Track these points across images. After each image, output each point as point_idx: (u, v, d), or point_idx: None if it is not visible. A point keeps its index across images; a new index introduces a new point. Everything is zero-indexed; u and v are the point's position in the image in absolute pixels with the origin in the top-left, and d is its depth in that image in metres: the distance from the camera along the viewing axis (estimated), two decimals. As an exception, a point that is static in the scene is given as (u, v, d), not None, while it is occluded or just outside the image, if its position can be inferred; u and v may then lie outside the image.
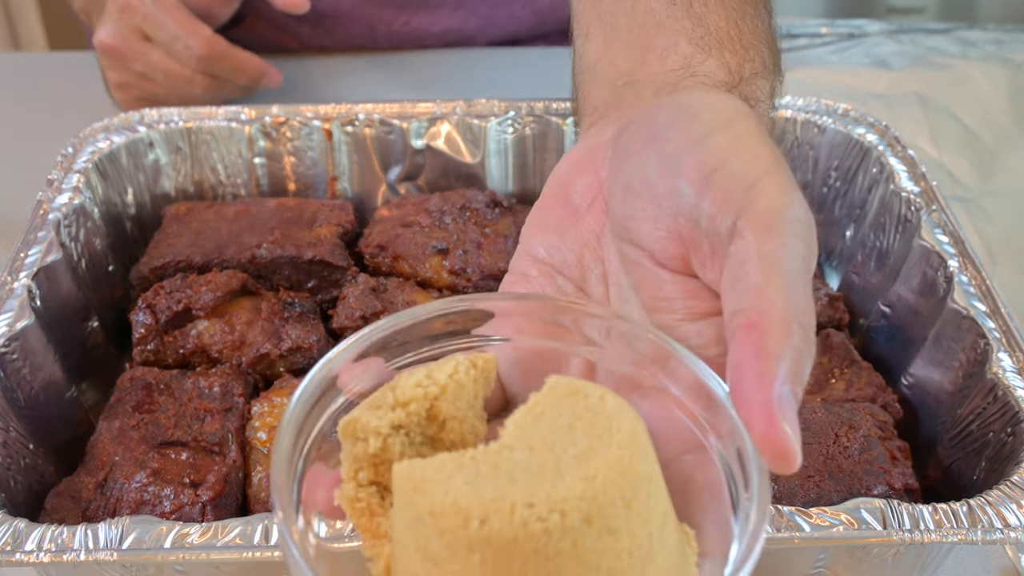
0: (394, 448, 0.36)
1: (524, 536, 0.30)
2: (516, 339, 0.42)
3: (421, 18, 1.01)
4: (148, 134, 0.73)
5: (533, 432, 0.34)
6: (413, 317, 0.39)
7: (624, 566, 0.32)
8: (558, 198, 0.47)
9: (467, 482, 0.32)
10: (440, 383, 0.37)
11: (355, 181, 0.77)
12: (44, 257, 0.61)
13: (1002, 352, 0.55)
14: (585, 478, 0.31)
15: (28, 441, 0.56)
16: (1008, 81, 0.99)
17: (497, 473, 0.32)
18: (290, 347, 0.64)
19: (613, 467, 0.32)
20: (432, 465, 0.33)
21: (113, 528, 0.46)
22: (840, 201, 0.74)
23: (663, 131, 0.42)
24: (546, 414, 0.34)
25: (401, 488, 0.33)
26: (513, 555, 0.31)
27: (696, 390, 0.37)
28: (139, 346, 0.64)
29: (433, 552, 0.32)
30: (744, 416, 0.34)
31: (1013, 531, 0.47)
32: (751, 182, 0.38)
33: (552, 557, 0.31)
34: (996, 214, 0.84)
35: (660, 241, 0.40)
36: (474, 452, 0.33)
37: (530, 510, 0.31)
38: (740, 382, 0.34)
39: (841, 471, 0.54)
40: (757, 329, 0.34)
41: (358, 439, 0.36)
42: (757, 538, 0.33)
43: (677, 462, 0.35)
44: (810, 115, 0.74)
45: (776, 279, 0.35)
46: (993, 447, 0.54)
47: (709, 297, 0.39)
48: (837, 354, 0.63)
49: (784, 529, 0.46)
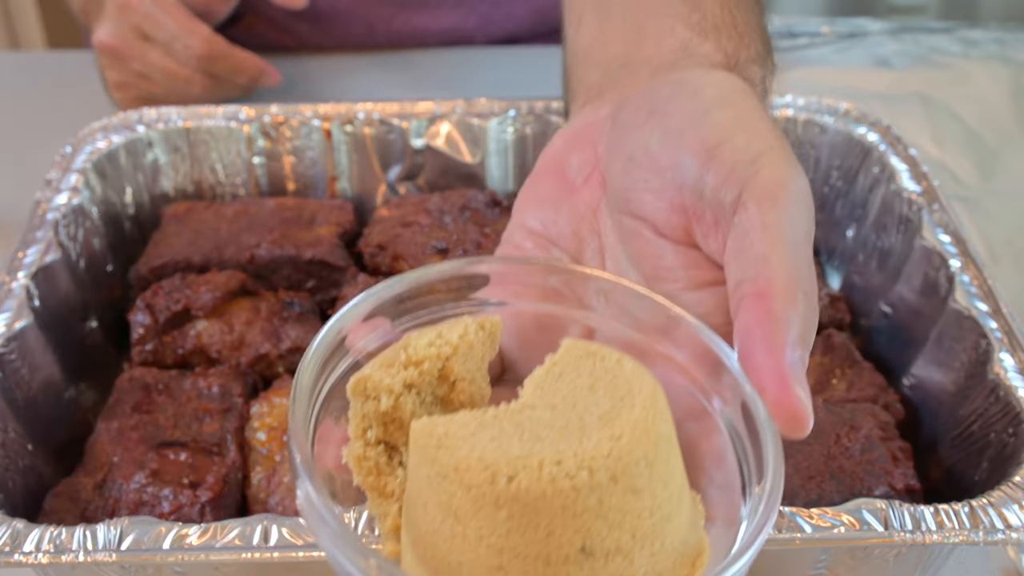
0: (405, 407, 0.36)
1: (552, 493, 0.31)
2: (516, 304, 0.42)
3: (421, 17, 1.01)
4: (147, 134, 0.73)
5: (554, 392, 0.34)
6: (417, 278, 0.40)
7: (646, 525, 0.32)
8: (552, 172, 0.47)
9: (493, 439, 0.32)
10: (452, 343, 0.37)
11: (355, 181, 0.77)
12: (42, 257, 0.61)
13: (1004, 352, 0.55)
14: (611, 437, 0.32)
15: (26, 441, 0.56)
16: (1010, 80, 0.99)
17: (522, 431, 0.32)
18: (289, 347, 0.64)
19: (637, 427, 0.32)
20: (455, 422, 0.33)
21: (112, 529, 0.46)
22: (841, 201, 0.73)
23: (665, 105, 0.42)
24: (565, 375, 0.35)
25: (423, 445, 0.33)
26: (540, 512, 0.31)
27: (700, 355, 0.38)
28: (138, 346, 0.64)
29: (456, 508, 0.32)
30: (756, 382, 0.34)
31: (1015, 532, 0.47)
32: (755, 156, 0.38)
33: (579, 515, 0.31)
34: (998, 214, 0.83)
35: (662, 212, 0.41)
36: (495, 411, 0.33)
37: (559, 467, 0.31)
38: (750, 349, 0.35)
39: (842, 472, 0.54)
40: (764, 297, 0.35)
41: (368, 397, 0.36)
42: (774, 505, 0.33)
43: (681, 429, 0.36)
44: (811, 115, 0.73)
45: (780, 249, 0.36)
46: (995, 448, 0.54)
47: (710, 267, 0.40)
48: (838, 354, 0.63)
49: (785, 530, 0.46)
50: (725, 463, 0.37)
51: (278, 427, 0.59)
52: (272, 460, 0.57)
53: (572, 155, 0.47)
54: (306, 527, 0.33)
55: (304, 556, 0.45)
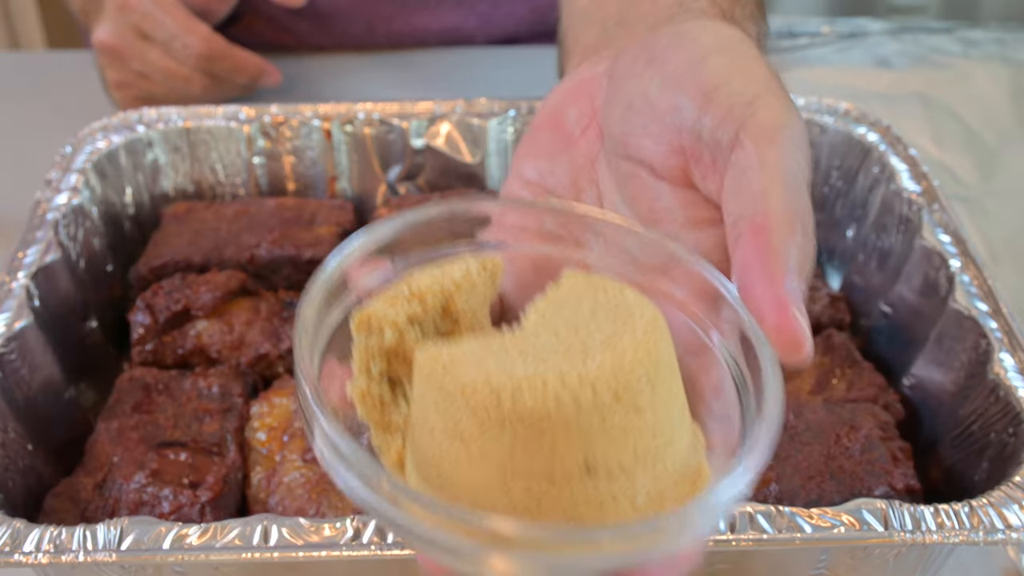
0: (409, 341, 0.36)
1: (556, 411, 0.31)
2: (515, 245, 0.42)
3: (421, 16, 1.01)
4: (147, 134, 0.73)
5: (556, 319, 0.35)
6: (416, 216, 0.40)
7: (647, 445, 0.33)
8: (550, 125, 0.48)
9: (497, 362, 0.32)
10: (455, 279, 0.38)
11: (354, 181, 0.77)
12: (42, 257, 0.61)
13: (1004, 352, 0.55)
14: (613, 357, 0.32)
15: (26, 441, 0.56)
16: (1010, 80, 0.99)
17: (525, 355, 0.33)
18: (289, 347, 0.64)
19: (640, 348, 0.33)
20: (459, 348, 0.33)
21: (112, 529, 0.46)
22: (841, 201, 0.73)
23: (663, 53, 0.43)
24: (567, 303, 0.35)
25: (428, 371, 0.33)
26: (544, 430, 0.31)
27: (699, 291, 0.38)
28: (138, 346, 0.64)
29: (462, 431, 0.32)
30: (756, 311, 0.35)
31: (1015, 532, 0.47)
32: (752, 98, 0.39)
33: (582, 432, 0.31)
34: (998, 214, 0.83)
35: (660, 155, 0.41)
36: (499, 337, 0.34)
37: (562, 386, 0.31)
38: (749, 280, 0.35)
39: (842, 472, 0.54)
40: (762, 231, 0.36)
41: (372, 332, 0.36)
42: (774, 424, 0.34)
43: (682, 363, 0.36)
44: (811, 114, 0.73)
45: (777, 185, 0.37)
46: (995, 448, 0.54)
47: (708, 207, 0.41)
48: (838, 354, 0.63)
49: (785, 530, 0.46)
50: (724, 394, 0.37)
51: (278, 427, 0.59)
52: (272, 460, 0.57)
53: (570, 108, 0.47)
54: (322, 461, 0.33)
55: (304, 556, 0.45)
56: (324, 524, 0.46)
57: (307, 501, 0.54)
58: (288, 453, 0.57)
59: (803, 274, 0.36)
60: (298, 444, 0.57)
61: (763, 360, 0.35)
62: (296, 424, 0.58)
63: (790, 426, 0.57)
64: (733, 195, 0.38)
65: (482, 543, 0.30)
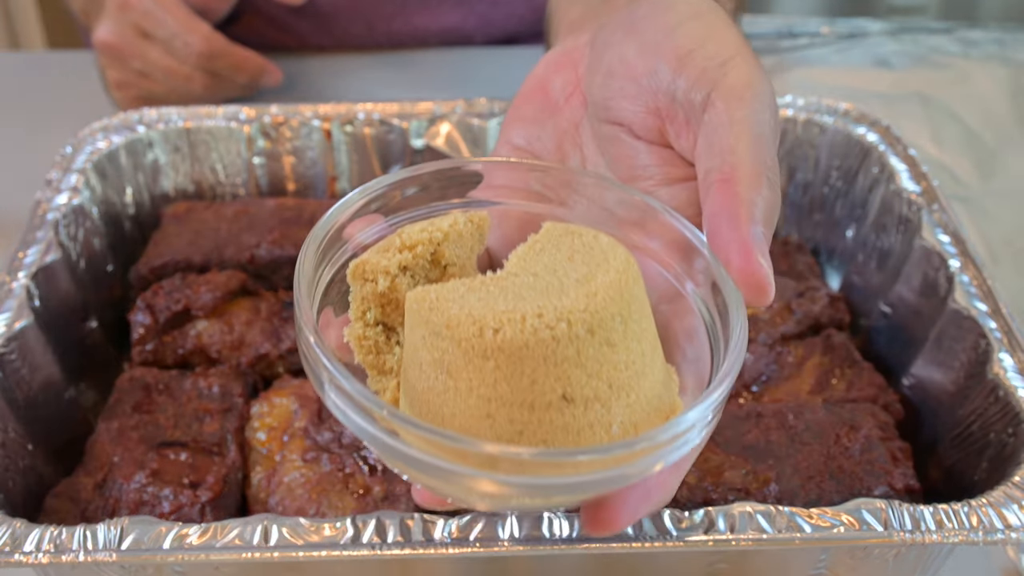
0: (401, 289, 0.39)
1: (534, 343, 0.34)
2: (503, 203, 0.45)
3: (421, 16, 1.01)
4: (147, 134, 0.73)
5: (536, 262, 0.38)
6: (408, 173, 0.43)
7: (622, 377, 0.35)
8: (536, 93, 0.51)
9: (480, 299, 0.35)
10: (443, 229, 0.40)
11: (354, 181, 0.77)
12: (43, 257, 0.61)
13: (1003, 352, 0.55)
14: (587, 295, 0.35)
15: (27, 441, 0.56)
16: (1010, 80, 0.99)
17: (506, 293, 0.36)
18: (289, 347, 0.64)
19: (611, 287, 0.36)
20: (446, 288, 0.36)
21: (112, 529, 0.46)
22: (841, 201, 0.73)
23: (641, 22, 0.45)
24: (546, 249, 0.38)
25: (417, 309, 0.36)
26: (524, 361, 0.34)
27: (673, 243, 0.41)
28: (138, 346, 0.64)
29: (448, 363, 0.35)
30: (723, 256, 0.38)
31: (1014, 532, 0.47)
32: (723, 61, 0.42)
33: (559, 363, 0.34)
34: (997, 214, 0.83)
35: (639, 116, 0.44)
36: (483, 278, 0.37)
37: (539, 319, 0.34)
38: (717, 227, 0.38)
39: (842, 472, 0.54)
40: (731, 181, 0.38)
41: (367, 280, 0.39)
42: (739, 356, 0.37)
43: (657, 311, 0.39)
44: (811, 115, 0.73)
45: (746, 140, 0.39)
46: (994, 447, 0.54)
47: (683, 165, 0.44)
48: (838, 354, 0.63)
49: (785, 530, 0.46)
50: (697, 339, 0.40)
51: (278, 427, 0.59)
52: (272, 460, 0.57)
53: (555, 77, 0.50)
54: (327, 401, 0.36)
55: (304, 556, 0.46)
56: (324, 524, 0.46)
57: (307, 501, 0.54)
58: (288, 453, 0.57)
59: (768, 223, 0.38)
60: (298, 444, 0.57)
61: (730, 302, 0.38)
62: (296, 424, 0.59)
63: (790, 426, 0.57)
64: (705, 151, 0.40)
65: (471, 466, 0.33)
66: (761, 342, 0.64)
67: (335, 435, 0.57)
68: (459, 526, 0.46)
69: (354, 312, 0.40)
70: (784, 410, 0.58)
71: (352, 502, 0.54)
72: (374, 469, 0.56)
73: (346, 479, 0.55)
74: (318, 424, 0.58)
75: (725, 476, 0.54)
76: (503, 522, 0.46)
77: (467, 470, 0.33)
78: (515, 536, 0.46)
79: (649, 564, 0.50)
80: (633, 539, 0.46)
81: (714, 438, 0.56)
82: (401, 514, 0.47)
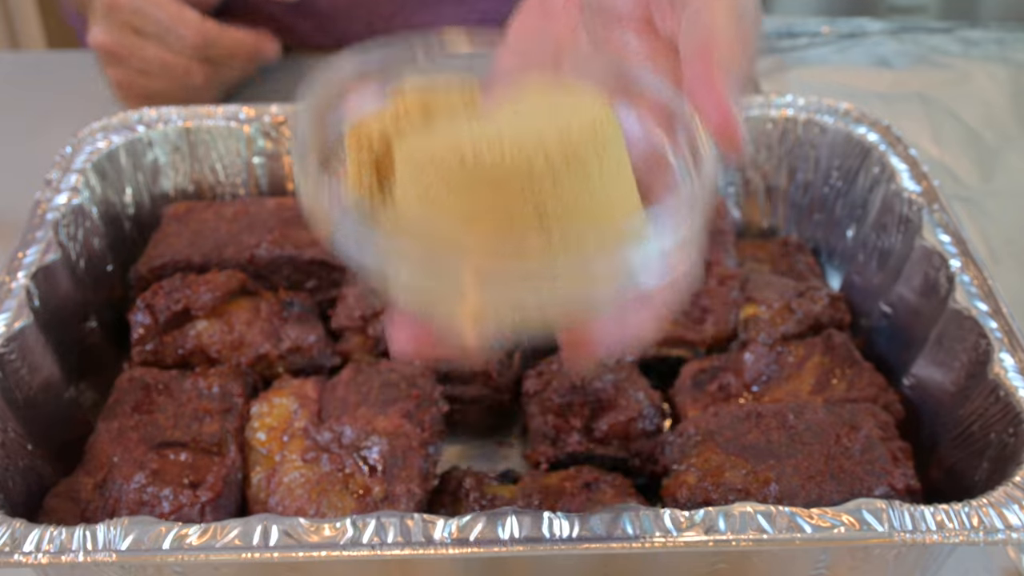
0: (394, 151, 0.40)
1: (513, 171, 0.36)
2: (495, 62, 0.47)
3: (421, 15, 1.01)
4: (147, 134, 0.73)
5: (519, 106, 0.40)
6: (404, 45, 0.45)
7: (598, 207, 0.38)
8: (534, 7, 0.53)
9: (462, 134, 0.37)
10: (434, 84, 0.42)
11: (355, 180, 0.77)
12: (42, 257, 0.61)
13: (1004, 352, 0.55)
14: (565, 129, 0.37)
15: (27, 442, 0.56)
16: (1010, 80, 0.99)
17: (487, 128, 0.38)
18: (289, 347, 0.64)
19: (589, 126, 0.38)
20: (431, 128, 0.39)
21: (112, 529, 0.46)
22: (841, 201, 0.73)
23: None
24: (528, 97, 0.41)
25: (405, 149, 0.38)
26: (503, 189, 0.36)
27: (657, 107, 0.44)
28: (138, 346, 0.64)
29: (434, 195, 0.37)
30: (701, 113, 0.41)
31: (1015, 532, 0.47)
32: None
33: (536, 192, 0.36)
34: (998, 214, 0.83)
35: (628, 4, 0.48)
36: (467, 120, 0.40)
37: (518, 149, 0.36)
38: (695, 88, 0.42)
39: (842, 472, 0.54)
40: (708, 50, 0.42)
41: (362, 146, 0.41)
42: (706, 184, 0.39)
43: (639, 168, 0.42)
44: (811, 115, 0.73)
45: (722, 16, 0.43)
46: (995, 448, 0.54)
47: (669, 51, 0.47)
48: (839, 354, 0.63)
49: (785, 530, 0.46)
50: (675, 192, 0.43)
51: (278, 427, 0.59)
52: (272, 460, 0.57)
53: None
54: (330, 230, 0.38)
55: (304, 556, 0.46)
56: (324, 524, 0.46)
57: (307, 501, 0.54)
58: (288, 453, 0.57)
59: (742, 88, 0.42)
60: (298, 444, 0.57)
61: (705, 154, 0.41)
62: (296, 424, 0.59)
63: (790, 426, 0.57)
64: (687, 31, 0.44)
65: (459, 280, 0.35)
66: (761, 342, 0.64)
67: (335, 435, 0.57)
68: (459, 526, 0.46)
69: (351, 176, 0.41)
70: (784, 410, 0.58)
71: (352, 502, 0.54)
72: (374, 469, 0.56)
73: (346, 479, 0.55)
74: (318, 424, 0.58)
75: (725, 476, 0.54)
76: (503, 522, 0.46)
77: (457, 285, 0.35)
78: (515, 536, 0.46)
79: (649, 564, 0.50)
80: (633, 539, 0.46)
81: (714, 438, 0.56)
82: (401, 514, 0.47)
